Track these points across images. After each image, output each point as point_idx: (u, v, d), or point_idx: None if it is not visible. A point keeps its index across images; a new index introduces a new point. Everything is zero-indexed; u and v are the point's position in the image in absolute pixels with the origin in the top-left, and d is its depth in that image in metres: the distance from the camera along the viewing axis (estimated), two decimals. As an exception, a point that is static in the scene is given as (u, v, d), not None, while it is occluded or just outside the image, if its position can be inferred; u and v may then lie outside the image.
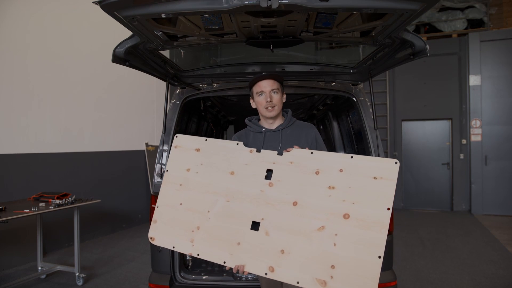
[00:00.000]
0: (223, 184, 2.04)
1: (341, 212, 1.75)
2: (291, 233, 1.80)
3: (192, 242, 1.97)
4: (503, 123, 8.16)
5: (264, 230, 1.85)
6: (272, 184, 1.93)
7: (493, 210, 8.14)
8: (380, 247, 1.62)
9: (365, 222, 1.69)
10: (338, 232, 1.72)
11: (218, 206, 2.00)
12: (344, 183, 1.79)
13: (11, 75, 4.93)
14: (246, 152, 2.06)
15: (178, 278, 2.77)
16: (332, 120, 4.58)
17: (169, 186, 2.16)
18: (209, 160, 2.13)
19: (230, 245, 1.89)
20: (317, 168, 1.88)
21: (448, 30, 8.83)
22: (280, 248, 1.79)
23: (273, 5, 1.54)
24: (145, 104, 7.50)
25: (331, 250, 1.70)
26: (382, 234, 1.65)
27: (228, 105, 4.69)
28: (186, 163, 2.17)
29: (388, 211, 1.68)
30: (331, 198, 1.79)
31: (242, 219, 1.92)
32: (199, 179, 2.10)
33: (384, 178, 1.74)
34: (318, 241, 1.74)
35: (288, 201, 1.86)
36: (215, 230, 1.96)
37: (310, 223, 1.78)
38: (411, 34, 2.00)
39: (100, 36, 6.08)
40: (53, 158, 5.48)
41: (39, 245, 4.29)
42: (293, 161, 1.95)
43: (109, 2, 1.57)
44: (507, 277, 4.32)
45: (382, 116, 8.86)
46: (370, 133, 2.84)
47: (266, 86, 2.14)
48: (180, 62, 2.98)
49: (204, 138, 2.20)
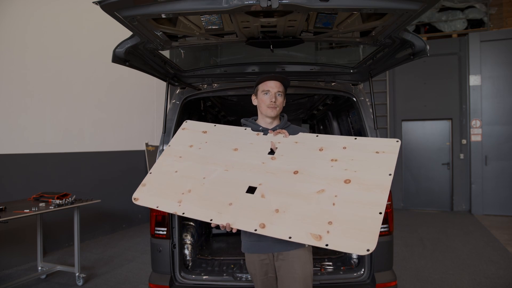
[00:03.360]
0: (225, 157, 2.03)
1: (342, 178, 1.74)
2: (289, 195, 1.74)
3: (179, 203, 1.87)
4: (503, 123, 8.16)
5: (260, 193, 1.79)
6: (274, 158, 1.95)
7: (493, 210, 8.14)
8: (381, 205, 1.58)
9: (366, 185, 1.68)
10: (338, 194, 1.69)
11: (215, 174, 1.96)
12: (347, 157, 1.83)
13: (11, 75, 4.93)
14: (253, 135, 2.12)
15: (178, 278, 2.77)
16: (332, 120, 4.57)
17: (167, 157, 2.13)
18: (214, 139, 2.16)
19: (221, 205, 1.79)
20: (321, 145, 1.92)
21: (448, 30, 8.83)
22: (274, 208, 1.70)
23: (273, 5, 1.54)
24: (145, 104, 7.50)
25: (330, 208, 1.64)
26: (383, 195, 1.62)
27: (228, 105, 4.69)
28: (190, 140, 2.18)
29: (389, 176, 1.68)
30: (333, 168, 1.80)
31: (238, 184, 1.85)
32: (200, 153, 2.10)
33: (386, 152, 1.80)
34: (316, 201, 1.69)
35: (289, 170, 1.85)
36: (207, 193, 1.87)
37: (310, 187, 1.75)
38: (411, 34, 2.00)
39: (100, 36, 6.08)
40: (53, 158, 5.48)
41: (39, 245, 4.29)
42: (298, 141, 2.00)
43: (109, 2, 1.57)
44: (507, 277, 4.32)
45: (382, 116, 8.86)
46: (370, 133, 2.84)
47: (273, 87, 2.17)
48: (180, 62, 2.98)
49: (213, 124, 2.25)
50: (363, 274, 2.74)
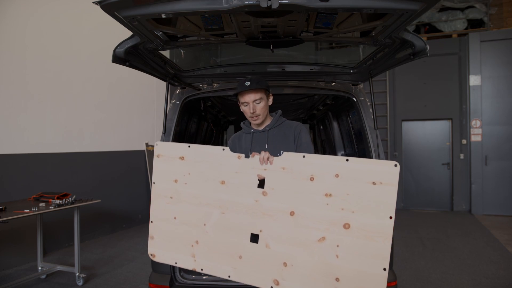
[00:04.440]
0: (215, 194, 1.97)
1: (341, 222, 1.67)
2: (292, 244, 1.75)
3: (193, 257, 1.97)
4: (503, 123, 8.16)
5: (264, 242, 1.82)
6: (266, 193, 1.86)
7: (493, 210, 8.14)
8: (384, 259, 1.57)
9: (367, 232, 1.61)
10: (339, 243, 1.66)
11: (214, 219, 1.96)
12: (341, 190, 1.69)
13: (10, 75, 4.93)
14: (234, 159, 1.97)
15: (178, 278, 2.77)
16: (332, 120, 4.57)
17: (159, 199, 2.11)
18: (196, 169, 2.04)
19: (231, 258, 1.88)
20: (311, 173, 1.77)
21: (448, 30, 8.83)
22: (282, 261, 1.76)
23: (273, 5, 1.54)
24: (145, 104, 7.50)
25: (334, 262, 1.65)
26: (386, 245, 1.58)
27: (228, 105, 4.69)
28: (172, 173, 2.09)
29: (390, 220, 1.59)
30: (329, 207, 1.70)
31: (240, 231, 1.89)
32: (189, 190, 2.04)
33: (384, 183, 1.61)
34: (320, 253, 1.69)
35: (284, 211, 1.80)
36: (214, 243, 1.94)
37: (310, 234, 1.72)
38: (411, 34, 2.00)
39: (100, 36, 6.08)
40: (53, 158, 5.48)
41: (39, 245, 4.29)
42: (285, 166, 1.85)
43: (109, 2, 1.57)
44: (507, 277, 4.32)
45: (382, 116, 8.86)
46: (370, 133, 2.84)
47: (249, 98, 2.18)
48: (180, 62, 2.98)
49: (186, 145, 2.10)
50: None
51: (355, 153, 3.99)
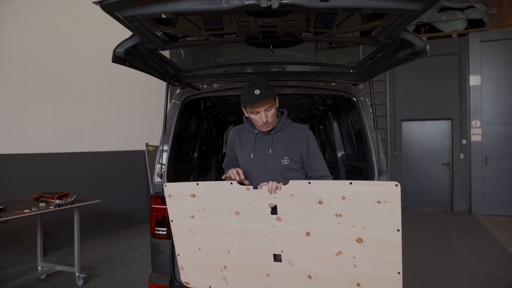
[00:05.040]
0: (232, 224, 2.04)
1: (353, 237, 1.81)
2: (312, 260, 1.90)
3: (225, 280, 2.10)
4: (503, 123, 8.16)
5: (287, 260, 1.95)
6: (280, 218, 1.94)
7: (493, 210, 8.14)
8: (397, 264, 1.78)
9: (379, 244, 1.79)
10: (355, 255, 1.81)
11: (236, 245, 2.06)
12: (350, 210, 1.81)
13: (10, 75, 4.93)
14: (243, 191, 1.99)
15: (178, 278, 2.77)
16: (332, 120, 4.57)
17: (180, 235, 2.19)
18: (209, 203, 2.08)
19: (260, 277, 2.01)
20: (319, 197, 1.85)
21: (448, 30, 8.83)
22: (306, 274, 1.91)
23: (273, 5, 1.54)
24: (145, 104, 7.50)
25: (353, 271, 1.82)
26: (397, 253, 1.79)
27: (228, 105, 4.69)
28: (187, 210, 2.13)
29: (398, 232, 1.79)
30: (340, 225, 1.83)
31: (263, 253, 2.00)
32: (207, 224, 2.10)
33: (388, 201, 1.79)
34: (339, 264, 1.84)
35: (300, 232, 1.91)
36: (241, 266, 2.06)
37: (328, 249, 1.86)
38: (411, 34, 2.00)
39: (100, 36, 6.08)
40: (53, 158, 5.48)
41: (39, 245, 4.29)
42: (293, 193, 1.91)
43: (109, 2, 1.57)
44: (507, 277, 4.32)
45: (382, 116, 8.86)
46: (370, 133, 2.84)
47: (260, 107, 2.10)
48: (180, 62, 2.98)
49: (194, 183, 2.11)
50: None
51: (355, 153, 3.99)
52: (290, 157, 2.20)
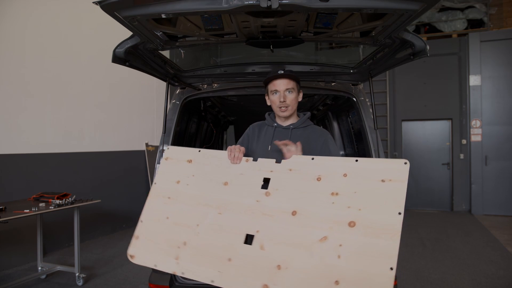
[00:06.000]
0: (215, 195, 1.90)
1: (346, 220, 1.57)
2: (290, 245, 1.62)
3: (177, 260, 1.81)
4: (503, 123, 8.16)
5: (258, 244, 1.69)
6: (269, 193, 1.79)
7: (493, 210, 8.14)
8: (391, 258, 1.44)
9: (374, 229, 1.52)
10: (343, 243, 1.54)
11: (209, 219, 1.85)
12: (349, 188, 1.64)
13: (10, 75, 4.93)
14: (242, 162, 1.95)
15: (178, 278, 2.76)
16: (332, 120, 4.57)
17: (156, 199, 2.03)
18: (201, 171, 2.00)
19: (220, 261, 1.71)
20: (319, 174, 1.73)
21: (448, 30, 8.83)
22: (276, 263, 1.60)
23: (273, 5, 1.55)
24: (145, 104, 7.49)
25: (335, 263, 1.51)
26: (394, 242, 1.48)
27: (228, 105, 4.69)
28: (176, 174, 2.04)
29: (399, 216, 1.52)
30: (334, 205, 1.63)
31: (235, 232, 1.76)
32: (189, 191, 1.97)
33: (393, 180, 1.58)
34: (320, 253, 1.55)
35: (286, 211, 1.71)
36: (204, 245, 1.80)
37: (311, 233, 1.61)
38: (411, 34, 2.00)
39: (100, 37, 6.08)
40: (53, 158, 5.48)
41: (39, 245, 4.29)
42: (292, 168, 1.80)
43: (109, 2, 1.57)
44: (507, 277, 4.32)
45: (382, 116, 8.86)
46: (370, 133, 2.84)
47: (281, 85, 2.07)
48: (180, 62, 2.98)
49: (197, 149, 2.09)
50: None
51: (355, 153, 3.99)
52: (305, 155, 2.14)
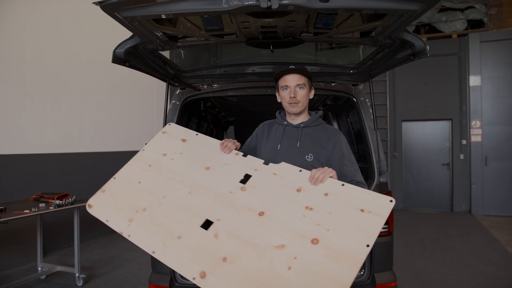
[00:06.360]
0: (193, 176, 1.91)
1: (310, 235, 1.49)
2: (244, 242, 1.55)
3: (129, 222, 1.77)
4: (503, 123, 8.16)
5: (214, 231, 1.63)
6: (244, 188, 1.77)
7: (493, 211, 8.14)
8: (344, 286, 1.31)
9: (336, 252, 1.41)
10: (298, 256, 1.44)
11: (177, 195, 1.84)
12: (325, 208, 1.57)
13: (10, 76, 4.93)
14: (231, 154, 1.98)
15: (178, 279, 2.77)
16: (332, 121, 4.58)
17: (137, 163, 2.06)
18: (190, 151, 2.05)
19: (169, 236, 1.66)
20: (301, 185, 1.69)
21: (448, 31, 8.83)
22: (223, 255, 1.52)
23: (273, 5, 1.55)
24: (145, 104, 7.49)
25: (282, 273, 1.41)
26: (351, 271, 1.34)
27: (228, 105, 4.69)
28: (166, 148, 2.10)
29: (367, 248, 1.41)
30: (304, 219, 1.56)
31: (197, 214, 1.72)
32: (170, 165, 2.00)
33: (372, 212, 1.50)
34: (271, 259, 1.46)
35: (255, 209, 1.66)
36: (160, 216, 1.76)
37: (270, 238, 1.53)
38: (411, 35, 2.00)
39: (100, 37, 6.08)
40: (54, 159, 5.48)
41: (39, 245, 4.29)
42: (277, 173, 1.79)
43: (109, 2, 1.57)
44: (507, 278, 4.32)
45: (382, 117, 8.86)
46: (370, 133, 2.84)
47: (292, 81, 2.00)
48: (180, 62, 2.98)
49: (195, 132, 2.15)
50: (363, 274, 2.74)
51: (355, 153, 3.99)
52: (315, 155, 2.04)
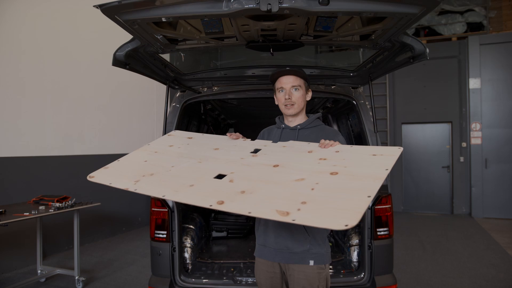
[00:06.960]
0: (203, 153, 1.92)
1: (328, 171, 1.51)
2: (261, 181, 1.51)
3: (135, 182, 1.67)
4: (503, 126, 8.16)
5: (228, 179, 1.58)
6: (256, 155, 1.81)
7: (493, 213, 8.13)
8: (371, 191, 1.33)
9: (356, 176, 1.45)
10: (320, 182, 1.44)
11: (186, 164, 1.79)
12: (338, 157, 1.65)
13: (10, 78, 4.94)
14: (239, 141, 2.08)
15: (178, 282, 2.76)
16: (332, 123, 4.58)
17: (142, 152, 2.08)
18: (197, 142, 2.12)
19: (180, 186, 1.58)
20: (311, 149, 1.78)
21: (448, 34, 8.86)
22: (240, 190, 1.46)
23: (273, 9, 1.55)
24: (145, 107, 7.50)
25: (307, 192, 1.39)
26: (375, 183, 1.37)
27: (228, 108, 4.70)
28: (173, 142, 2.14)
29: (386, 171, 1.46)
30: (319, 164, 1.61)
31: (208, 172, 1.66)
32: (178, 151, 2.02)
33: (384, 155, 1.64)
34: (293, 188, 1.44)
35: (269, 164, 1.66)
36: (170, 176, 1.69)
37: (288, 176, 1.52)
38: (410, 38, 2.01)
39: (100, 40, 6.09)
40: (53, 161, 5.48)
41: (38, 248, 4.28)
42: (286, 145, 1.86)
43: (109, 6, 1.58)
44: (507, 281, 4.31)
45: (382, 119, 8.87)
46: (370, 136, 2.85)
47: (287, 82, 2.01)
48: (180, 65, 2.98)
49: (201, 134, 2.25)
50: (363, 277, 2.74)
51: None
52: None
